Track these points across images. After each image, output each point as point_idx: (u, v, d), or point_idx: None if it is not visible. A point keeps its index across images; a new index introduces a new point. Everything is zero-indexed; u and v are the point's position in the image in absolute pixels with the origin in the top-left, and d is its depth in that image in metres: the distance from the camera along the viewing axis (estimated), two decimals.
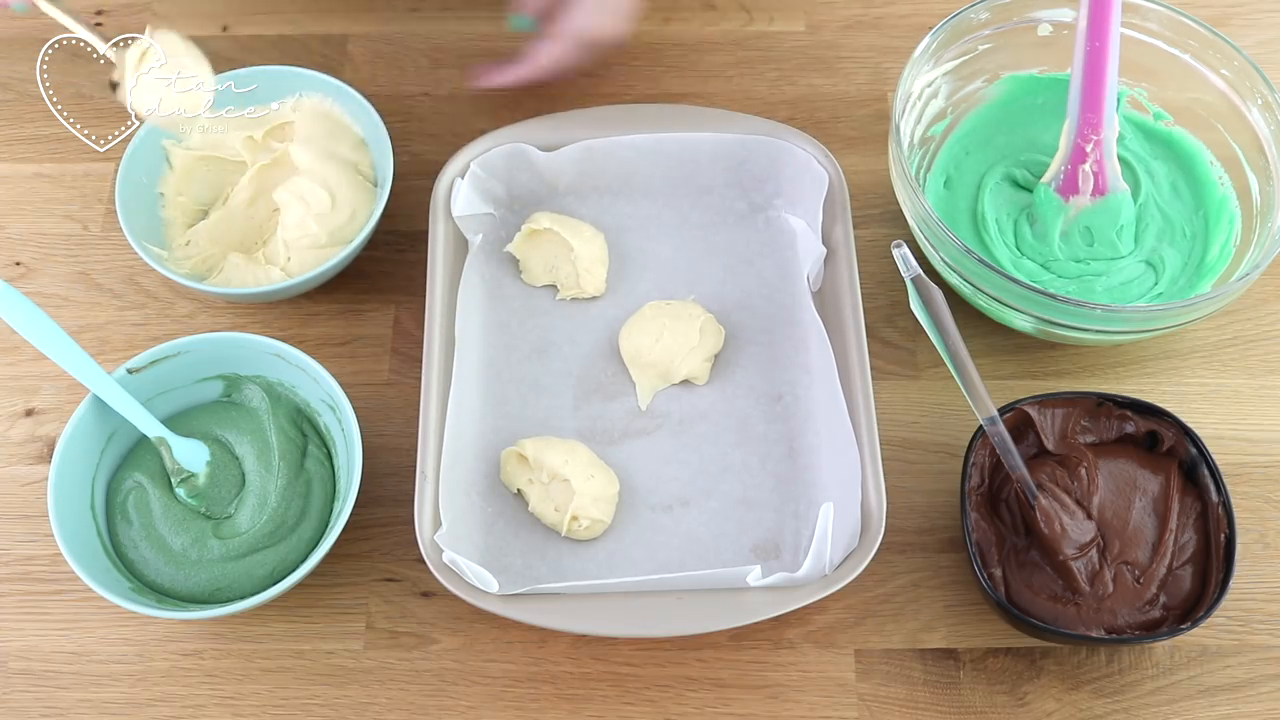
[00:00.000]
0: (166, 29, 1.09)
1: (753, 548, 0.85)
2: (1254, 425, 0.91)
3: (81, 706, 0.83)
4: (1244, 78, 0.93)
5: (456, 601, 0.83)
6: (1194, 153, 0.97)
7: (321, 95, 0.97)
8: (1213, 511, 0.81)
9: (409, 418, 0.89)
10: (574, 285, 0.94)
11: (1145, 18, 0.95)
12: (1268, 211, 0.90)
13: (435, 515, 0.82)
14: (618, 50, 1.03)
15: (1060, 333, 0.88)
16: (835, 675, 0.83)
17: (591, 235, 0.95)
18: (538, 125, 0.96)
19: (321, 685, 0.83)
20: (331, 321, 0.96)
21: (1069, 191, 0.93)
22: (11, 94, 1.06)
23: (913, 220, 0.90)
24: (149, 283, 0.97)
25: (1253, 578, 0.85)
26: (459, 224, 0.94)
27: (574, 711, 0.82)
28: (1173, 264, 0.93)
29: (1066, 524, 0.80)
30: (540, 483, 0.86)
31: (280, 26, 1.10)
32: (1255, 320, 0.95)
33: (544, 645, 0.84)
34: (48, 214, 1.01)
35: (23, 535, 0.88)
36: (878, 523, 0.81)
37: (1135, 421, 0.85)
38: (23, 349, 0.94)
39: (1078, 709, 0.82)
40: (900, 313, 0.95)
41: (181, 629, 0.85)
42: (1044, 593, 0.80)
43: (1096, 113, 0.90)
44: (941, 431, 0.91)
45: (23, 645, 0.85)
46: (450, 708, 0.82)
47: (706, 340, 0.91)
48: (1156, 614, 0.80)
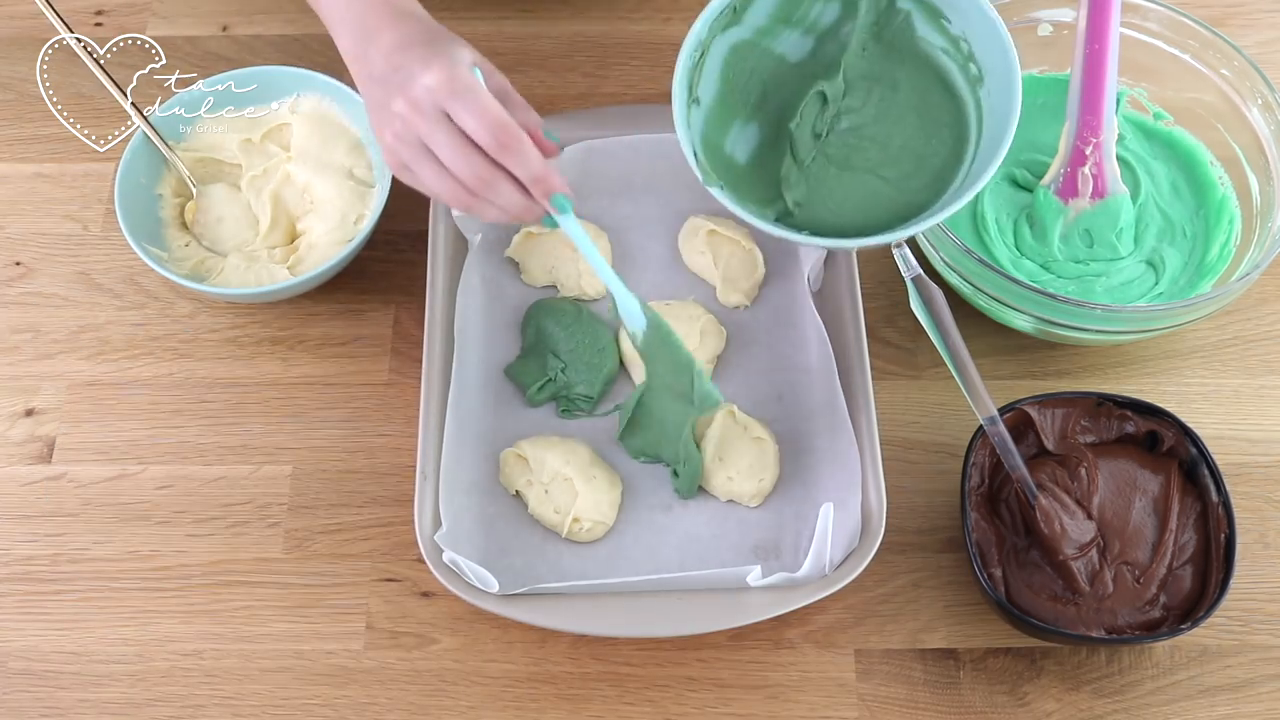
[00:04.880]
0: (166, 29, 1.10)
1: (753, 548, 0.85)
2: (1254, 425, 0.91)
3: (81, 706, 0.83)
4: (1244, 78, 0.93)
5: (456, 601, 0.83)
6: (1194, 153, 0.97)
7: (320, 96, 0.97)
8: (1213, 511, 0.81)
9: (409, 418, 0.89)
10: (575, 286, 0.94)
11: (1145, 18, 0.95)
12: (1268, 211, 0.90)
13: (435, 515, 0.82)
14: (617, 50, 1.03)
15: (1060, 333, 0.88)
16: (835, 675, 0.83)
17: (594, 235, 0.95)
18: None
19: (321, 685, 0.83)
20: (331, 321, 0.96)
21: (1068, 194, 0.93)
22: (11, 94, 1.06)
23: None
24: (149, 283, 0.97)
25: (1253, 578, 0.85)
26: (459, 224, 0.94)
27: (574, 711, 0.82)
28: (1173, 264, 0.93)
29: (1066, 524, 0.80)
30: (540, 483, 0.86)
31: (280, 26, 1.10)
32: (1255, 320, 0.95)
33: (544, 645, 0.84)
34: (48, 214, 1.00)
35: (23, 535, 0.88)
36: (878, 523, 0.81)
37: (1135, 421, 0.85)
38: (22, 349, 0.94)
39: (1078, 709, 0.82)
40: (900, 313, 0.95)
41: (182, 629, 0.85)
42: (1044, 593, 0.80)
43: (1096, 115, 0.90)
44: (941, 431, 0.91)
45: (23, 645, 0.85)
46: (450, 708, 0.82)
47: (708, 341, 0.91)
48: (1156, 614, 0.80)
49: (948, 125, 0.82)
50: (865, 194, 0.83)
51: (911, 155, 0.83)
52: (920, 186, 0.82)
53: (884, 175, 0.83)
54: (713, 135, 0.83)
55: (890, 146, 0.83)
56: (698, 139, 0.82)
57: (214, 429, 0.91)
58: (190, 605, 0.85)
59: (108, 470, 0.90)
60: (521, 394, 0.91)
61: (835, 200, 0.83)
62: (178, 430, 0.91)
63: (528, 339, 0.92)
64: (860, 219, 0.82)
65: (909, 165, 0.82)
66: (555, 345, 0.91)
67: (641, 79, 1.07)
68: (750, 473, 0.86)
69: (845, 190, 0.83)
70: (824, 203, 0.83)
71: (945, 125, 0.83)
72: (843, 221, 0.82)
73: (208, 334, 0.95)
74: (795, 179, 0.83)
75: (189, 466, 0.90)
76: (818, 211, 0.83)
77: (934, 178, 0.82)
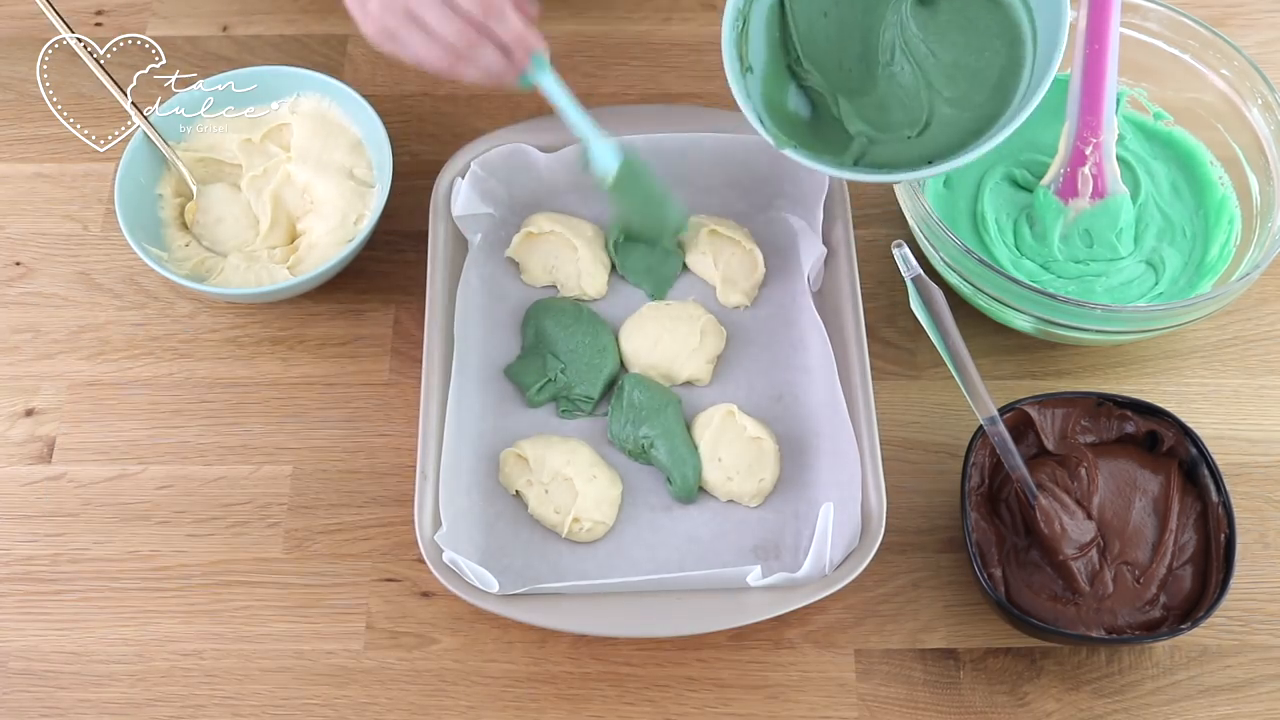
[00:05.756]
0: (166, 29, 1.10)
1: (753, 548, 0.85)
2: (1254, 425, 0.91)
3: (81, 706, 0.83)
4: (1244, 78, 0.93)
5: (456, 601, 0.83)
6: (1194, 153, 0.97)
7: (320, 96, 0.97)
8: (1213, 511, 0.81)
9: (409, 418, 0.89)
10: (575, 286, 0.94)
11: (1145, 18, 0.95)
12: (1268, 211, 0.90)
13: (435, 515, 0.82)
14: (617, 50, 1.03)
15: (1060, 333, 0.88)
16: (835, 675, 0.83)
17: (594, 235, 0.95)
18: (538, 125, 0.96)
19: (321, 685, 0.83)
20: (331, 321, 0.96)
21: (1068, 194, 0.92)
22: (11, 94, 1.06)
23: (913, 220, 0.90)
24: (149, 283, 0.97)
25: (1253, 578, 0.86)
26: (459, 224, 0.94)
27: (574, 711, 0.82)
28: (1173, 264, 0.93)
29: (1066, 524, 0.80)
30: (540, 483, 0.86)
31: (280, 26, 1.10)
32: (1255, 320, 0.95)
33: (544, 645, 0.84)
34: (48, 214, 1.01)
35: (23, 535, 0.88)
36: (878, 523, 0.81)
37: (1135, 421, 0.85)
38: (22, 349, 0.95)
39: (1078, 709, 0.82)
40: (900, 313, 0.95)
41: (182, 629, 0.85)
42: (1044, 593, 0.80)
43: (1096, 116, 0.90)
44: (941, 431, 0.91)
45: (23, 645, 0.85)
46: (450, 708, 0.82)
47: (708, 342, 0.91)
48: (1156, 614, 0.80)
49: (997, 35, 0.84)
50: (932, 120, 0.84)
51: (966, 72, 0.84)
52: (983, 100, 0.84)
53: (946, 96, 0.84)
54: (774, 97, 0.85)
55: (940, 67, 0.85)
56: (760, 106, 0.84)
57: (214, 429, 0.91)
58: (190, 605, 0.85)
59: (108, 470, 0.90)
60: (522, 394, 0.91)
61: (904, 131, 0.85)
62: (178, 430, 0.91)
63: (527, 339, 0.92)
64: (932, 145, 0.84)
65: (965, 84, 0.84)
66: (555, 345, 0.91)
67: (641, 79, 1.07)
68: (750, 473, 0.86)
69: (910, 119, 0.85)
70: (894, 137, 0.85)
71: (995, 35, 0.84)
72: (917, 152, 0.84)
73: (208, 334, 0.95)
74: (855, 116, 0.85)
75: (189, 466, 0.90)
76: (891, 147, 0.85)
77: (994, 90, 0.84)
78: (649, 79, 1.07)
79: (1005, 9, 0.84)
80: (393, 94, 1.05)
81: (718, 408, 0.88)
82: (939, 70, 0.85)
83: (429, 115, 1.05)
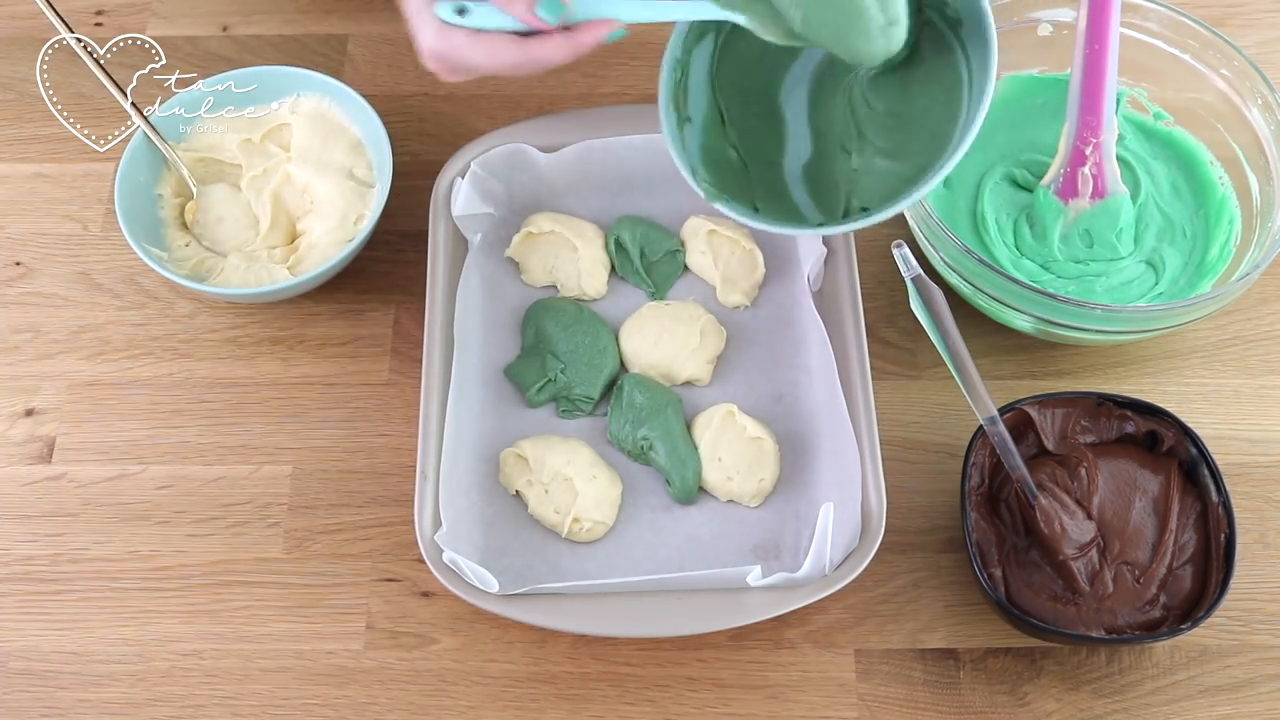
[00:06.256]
0: (166, 29, 1.10)
1: (753, 548, 0.85)
2: (1254, 425, 0.91)
3: (81, 706, 0.83)
4: (1244, 78, 0.93)
5: (456, 601, 0.83)
6: (1194, 153, 0.97)
7: (320, 96, 0.97)
8: (1213, 511, 0.81)
9: (409, 418, 0.89)
10: (575, 286, 0.94)
11: (1145, 18, 0.95)
12: (1268, 211, 0.90)
13: (435, 515, 0.82)
14: (617, 50, 1.03)
15: (1060, 333, 0.88)
16: (835, 675, 0.83)
17: (594, 235, 0.95)
18: (538, 125, 0.96)
19: (321, 685, 0.83)
20: (331, 321, 0.96)
21: (1068, 194, 0.93)
22: (11, 94, 1.06)
23: (913, 220, 0.90)
24: (149, 283, 0.97)
25: (1253, 578, 0.85)
26: (459, 223, 0.94)
27: (574, 711, 0.82)
28: (1173, 264, 0.93)
29: (1066, 524, 0.80)
30: (540, 483, 0.86)
31: (280, 26, 1.10)
32: (1255, 320, 0.95)
33: (544, 645, 0.84)
34: (48, 214, 1.01)
35: (23, 535, 0.88)
36: (878, 523, 0.81)
37: (1135, 421, 0.85)
38: (22, 349, 0.95)
39: (1078, 709, 0.82)
40: (900, 313, 0.95)
41: (182, 629, 0.85)
42: (1044, 593, 0.80)
43: (1096, 116, 0.90)
44: (941, 431, 0.91)
45: (23, 645, 0.85)
46: (450, 708, 0.82)
47: (708, 342, 0.91)
48: (1156, 614, 0.80)
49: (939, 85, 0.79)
50: (867, 173, 0.81)
51: (902, 122, 0.80)
52: (919, 150, 0.79)
53: (879, 147, 0.81)
54: (714, 146, 0.83)
55: (875, 118, 0.81)
56: (697, 158, 0.82)
57: (214, 429, 0.91)
58: (190, 605, 0.85)
59: (108, 470, 0.90)
60: (521, 394, 0.91)
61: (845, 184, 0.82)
62: (178, 430, 0.91)
63: (527, 339, 0.92)
64: (866, 196, 0.81)
65: (901, 134, 0.80)
66: (555, 345, 0.91)
67: (641, 79, 1.07)
68: (750, 473, 0.86)
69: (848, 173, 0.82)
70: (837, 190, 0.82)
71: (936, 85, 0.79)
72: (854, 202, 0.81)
73: (208, 334, 0.95)
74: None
75: (189, 466, 0.90)
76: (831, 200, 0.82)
77: (930, 138, 0.78)
78: (649, 79, 1.06)
79: (946, 55, 0.78)
80: (393, 94, 1.05)
81: (718, 408, 0.88)
82: (873, 121, 0.81)
83: (429, 115, 1.05)
